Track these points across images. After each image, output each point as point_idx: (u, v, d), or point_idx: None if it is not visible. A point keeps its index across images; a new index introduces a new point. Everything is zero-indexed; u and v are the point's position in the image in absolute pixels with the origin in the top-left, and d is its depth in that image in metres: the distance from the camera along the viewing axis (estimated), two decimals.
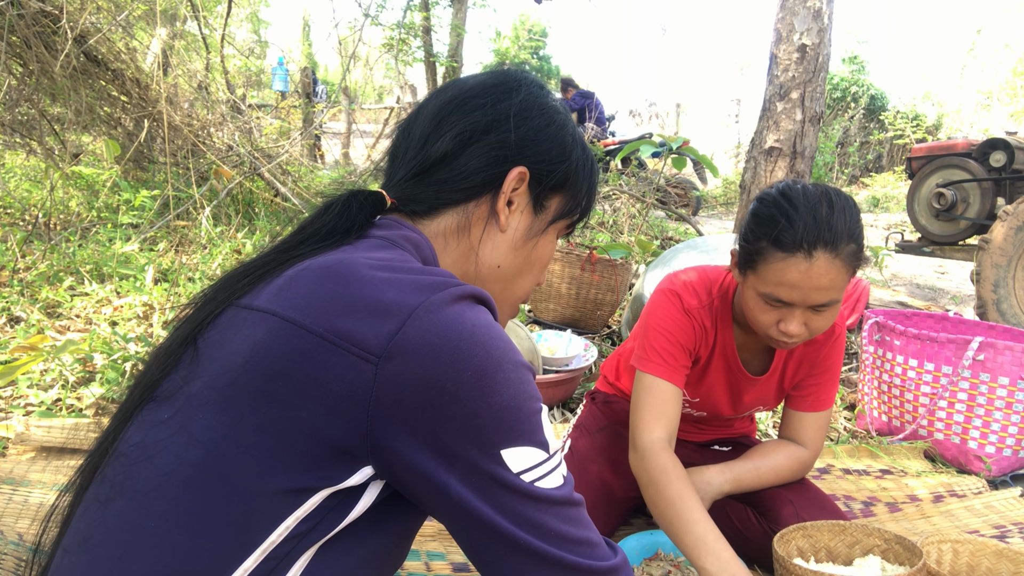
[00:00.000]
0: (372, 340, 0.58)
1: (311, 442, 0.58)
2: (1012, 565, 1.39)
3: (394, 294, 0.61)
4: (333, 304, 0.61)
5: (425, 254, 0.76)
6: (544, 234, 0.84)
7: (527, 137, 0.79)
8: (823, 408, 1.58)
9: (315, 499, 0.60)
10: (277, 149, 4.84)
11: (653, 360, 1.46)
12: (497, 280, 0.83)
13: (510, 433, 0.61)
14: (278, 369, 0.59)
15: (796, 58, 3.84)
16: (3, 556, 1.22)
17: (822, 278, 1.22)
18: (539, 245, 0.84)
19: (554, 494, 0.63)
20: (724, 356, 1.55)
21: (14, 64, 3.66)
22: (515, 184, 0.79)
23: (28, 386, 2.09)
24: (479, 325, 0.62)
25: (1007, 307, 3.52)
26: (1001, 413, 2.17)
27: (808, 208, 1.24)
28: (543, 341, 2.75)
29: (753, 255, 1.30)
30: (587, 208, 0.89)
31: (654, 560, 1.44)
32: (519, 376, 0.63)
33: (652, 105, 17.16)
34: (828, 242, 1.22)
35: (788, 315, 1.29)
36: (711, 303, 1.50)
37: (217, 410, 0.60)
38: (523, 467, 0.62)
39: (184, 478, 0.58)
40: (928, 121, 13.54)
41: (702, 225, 6.26)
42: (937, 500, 2.04)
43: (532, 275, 0.86)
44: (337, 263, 0.65)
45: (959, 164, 4.17)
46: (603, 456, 1.68)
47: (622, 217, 5.10)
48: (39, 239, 3.36)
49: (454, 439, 0.59)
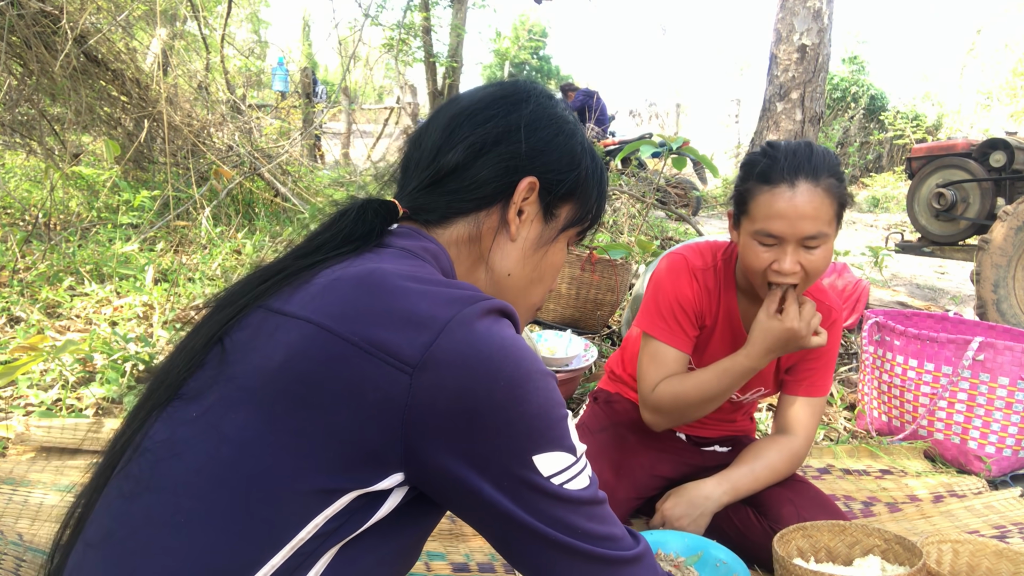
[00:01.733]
0: (407, 350, 0.61)
1: (344, 447, 0.61)
2: (1012, 565, 1.39)
3: (427, 306, 0.64)
4: (368, 314, 0.63)
5: (444, 265, 0.78)
6: (555, 242, 0.86)
7: (537, 147, 0.81)
8: (818, 394, 1.59)
9: (344, 500, 0.62)
10: (277, 149, 4.84)
11: (658, 325, 1.54)
12: (509, 289, 0.85)
13: (541, 439, 0.64)
14: (314, 375, 0.61)
15: (796, 58, 3.84)
16: (3, 556, 1.22)
17: (806, 206, 1.33)
18: (550, 253, 0.86)
19: (582, 495, 0.67)
20: (728, 322, 1.57)
21: (14, 64, 3.66)
22: (525, 194, 0.80)
23: (28, 386, 2.09)
24: (507, 338, 0.65)
25: (1007, 307, 3.52)
26: (1001, 413, 2.17)
27: (788, 148, 1.39)
28: (543, 341, 2.75)
29: (743, 197, 1.42)
30: (597, 215, 0.90)
31: None
32: (546, 385, 0.66)
33: (652, 105, 17.17)
34: (808, 172, 1.34)
35: (781, 253, 1.37)
36: (715, 265, 1.57)
37: (250, 411, 0.61)
38: (553, 471, 0.65)
39: (215, 476, 0.60)
40: (928, 121, 13.54)
41: (702, 225, 6.26)
42: (937, 500, 2.04)
43: (544, 283, 0.88)
44: (369, 273, 0.67)
45: (959, 164, 4.17)
46: (604, 457, 1.68)
47: (622, 217, 5.10)
48: (39, 239, 3.36)
49: (488, 447, 0.62)
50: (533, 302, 0.89)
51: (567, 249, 0.89)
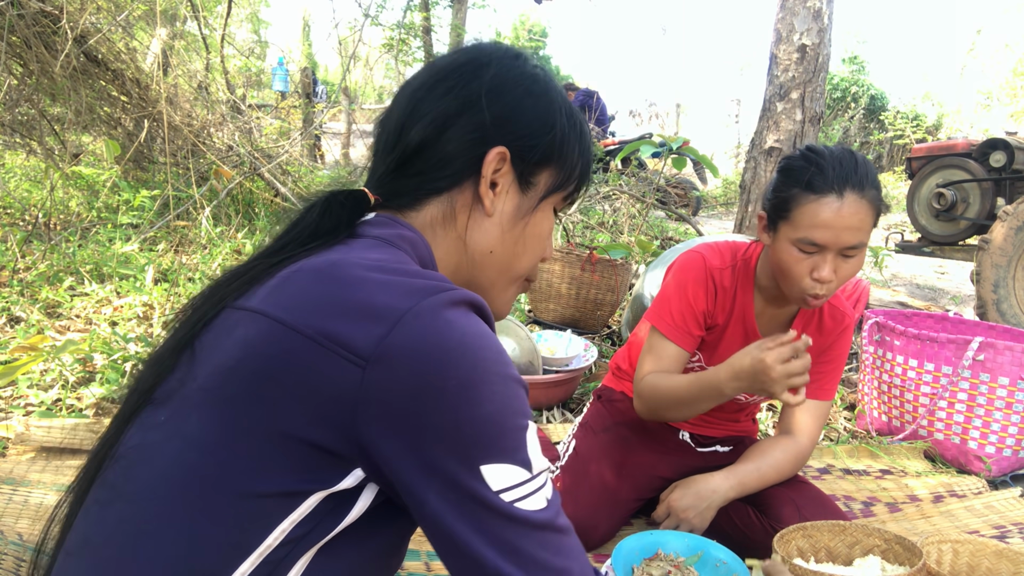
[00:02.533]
0: (360, 343, 0.57)
1: (301, 445, 0.58)
2: (1012, 565, 1.39)
3: (385, 297, 0.60)
4: (324, 305, 0.60)
5: (422, 252, 0.74)
6: (536, 211, 0.80)
7: (502, 114, 0.75)
8: (825, 398, 1.60)
9: (310, 502, 0.59)
10: (277, 149, 4.84)
11: (665, 320, 1.56)
12: (491, 266, 0.80)
13: (491, 448, 0.58)
14: (267, 370, 0.58)
15: (796, 58, 3.84)
16: (3, 556, 1.22)
17: (853, 217, 1.32)
18: (532, 223, 0.80)
19: (534, 516, 0.60)
20: (742, 322, 1.58)
21: (14, 64, 3.66)
22: (496, 165, 0.75)
23: (28, 386, 2.08)
24: (469, 333, 0.60)
25: (1007, 307, 3.52)
26: (1001, 413, 2.17)
27: (834, 157, 1.37)
28: (543, 341, 2.75)
29: (786, 203, 1.39)
30: (582, 177, 0.83)
31: (654, 560, 1.44)
32: (507, 390, 0.60)
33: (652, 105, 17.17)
34: (855, 184, 1.33)
35: (820, 262, 1.36)
36: (735, 264, 1.57)
37: (209, 412, 0.59)
38: (503, 485, 0.58)
39: (180, 481, 0.58)
40: (928, 121, 13.54)
41: (702, 225, 6.26)
42: (937, 500, 2.04)
43: (531, 253, 0.82)
44: (330, 264, 0.64)
45: (959, 164, 4.17)
46: (607, 456, 1.68)
47: (622, 217, 5.09)
48: (39, 239, 3.36)
49: (434, 450, 0.57)
50: (521, 272, 0.82)
51: (554, 215, 0.83)
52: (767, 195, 1.46)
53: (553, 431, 2.23)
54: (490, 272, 0.80)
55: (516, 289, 0.84)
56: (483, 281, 0.81)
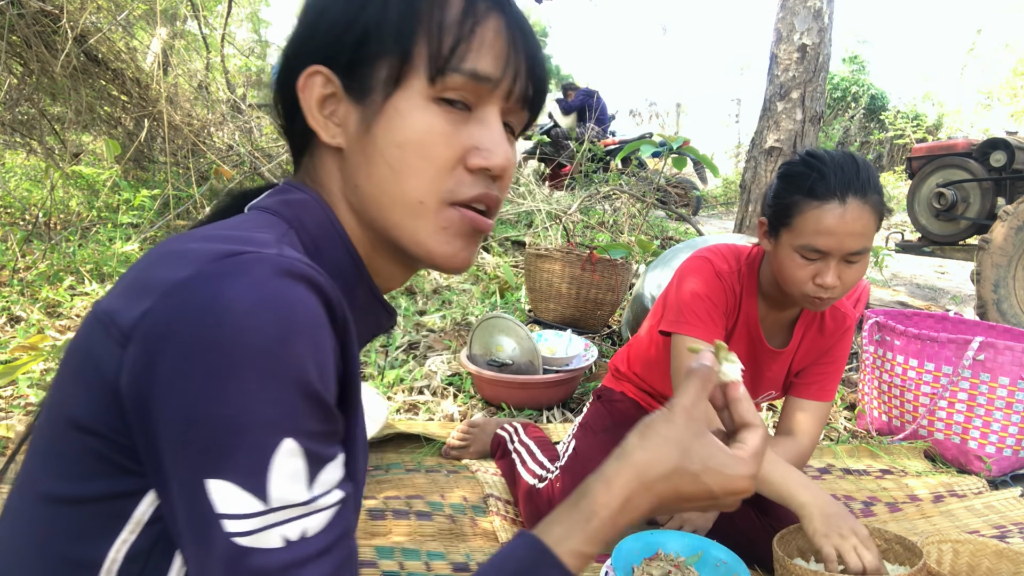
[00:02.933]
0: (125, 319, 0.49)
1: (101, 440, 0.51)
2: (1012, 565, 1.39)
3: (174, 267, 0.50)
4: (126, 283, 0.53)
5: (314, 215, 0.63)
6: (383, 112, 0.60)
7: (304, 32, 0.64)
8: (826, 399, 1.59)
9: (143, 507, 0.52)
10: (277, 148, 4.83)
11: (690, 322, 1.48)
12: (377, 204, 0.63)
13: (220, 461, 0.47)
14: (71, 360, 0.54)
15: (796, 58, 3.84)
16: None
17: (856, 223, 1.32)
18: (384, 129, 0.60)
19: (256, 563, 0.47)
20: (747, 327, 1.57)
21: (14, 64, 3.66)
22: (316, 91, 0.62)
23: (28, 386, 2.09)
24: (241, 312, 0.47)
25: (1007, 307, 3.52)
26: (1001, 413, 2.17)
27: (835, 163, 1.35)
28: (543, 341, 2.75)
29: (788, 209, 1.38)
30: (440, 40, 0.59)
31: (654, 560, 1.44)
32: (266, 393, 0.47)
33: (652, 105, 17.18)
34: (858, 189, 1.32)
35: (823, 268, 1.36)
36: (739, 269, 1.56)
37: (43, 416, 0.56)
38: (228, 511, 0.47)
39: (16, 501, 0.56)
40: (928, 121, 13.53)
41: (702, 225, 6.26)
42: (937, 500, 2.04)
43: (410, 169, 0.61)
44: (168, 241, 0.56)
45: (959, 164, 4.17)
46: (606, 457, 1.68)
47: (622, 217, 5.09)
48: (39, 239, 3.36)
49: (168, 448, 0.48)
50: (418, 197, 0.61)
51: (426, 105, 0.61)
52: (768, 201, 1.45)
53: (553, 431, 2.23)
54: (383, 211, 0.63)
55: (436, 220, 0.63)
56: (388, 226, 0.63)
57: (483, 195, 0.63)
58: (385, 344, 2.97)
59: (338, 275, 0.63)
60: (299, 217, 0.62)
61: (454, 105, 0.61)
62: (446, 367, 2.71)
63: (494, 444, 2.03)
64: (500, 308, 3.47)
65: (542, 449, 1.86)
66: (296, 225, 0.61)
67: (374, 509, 1.69)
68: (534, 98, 0.66)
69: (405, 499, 1.75)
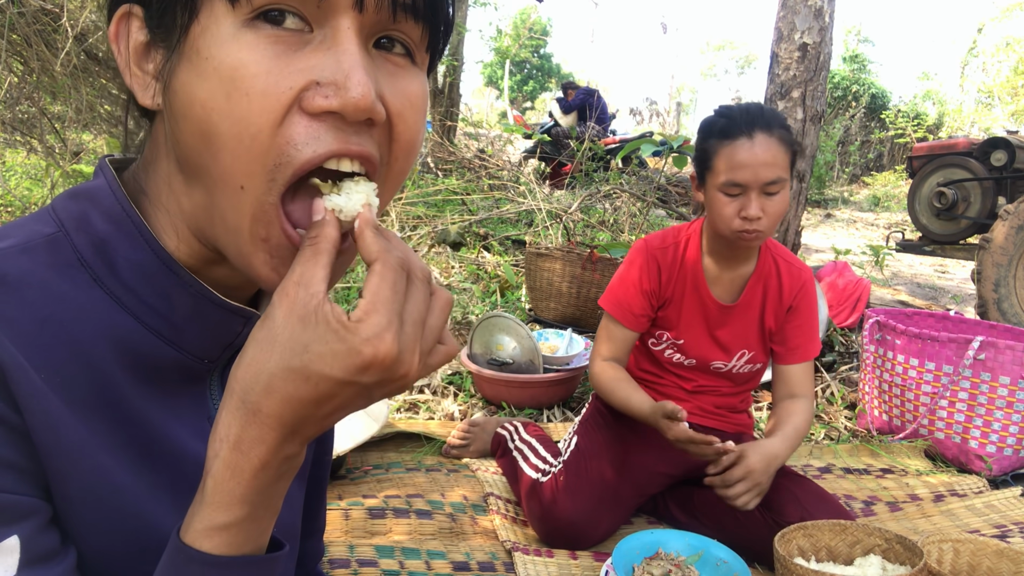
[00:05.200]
0: None
1: None
2: (1013, 564, 1.39)
3: None
4: None
5: (105, 207, 0.49)
6: (184, 55, 0.44)
7: None
8: (813, 356, 1.71)
9: None
10: None
11: (612, 304, 1.71)
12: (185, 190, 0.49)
13: None
14: None
15: (797, 57, 3.84)
16: None
17: (765, 153, 1.48)
18: (183, 79, 0.44)
19: None
20: (696, 291, 1.68)
21: (14, 62, 3.66)
22: (126, 39, 0.48)
23: None
24: None
25: (1008, 306, 3.52)
26: (1002, 412, 2.17)
27: (741, 108, 1.55)
28: (544, 340, 2.75)
29: (706, 154, 1.56)
30: None
31: (654, 559, 1.44)
32: None
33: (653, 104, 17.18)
34: (763, 124, 1.49)
35: (746, 201, 1.50)
36: (677, 241, 1.71)
37: None
38: None
39: None
40: (929, 120, 13.53)
41: None
42: (938, 499, 2.04)
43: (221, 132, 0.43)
44: None
45: (960, 163, 4.16)
46: (606, 454, 1.69)
47: (623, 216, 5.09)
48: None
49: None
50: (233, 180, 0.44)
51: (236, 33, 0.42)
52: (693, 156, 1.62)
53: (554, 430, 2.23)
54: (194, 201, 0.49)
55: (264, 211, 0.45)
56: (202, 226, 0.49)
57: (339, 150, 0.44)
58: None
59: (141, 280, 0.49)
60: (83, 213, 0.49)
61: (280, 24, 0.43)
62: (446, 366, 2.71)
63: (495, 443, 2.03)
64: (500, 307, 3.47)
65: (544, 446, 1.87)
66: (74, 225, 0.48)
67: (375, 508, 1.69)
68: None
69: (405, 498, 1.75)
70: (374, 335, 0.40)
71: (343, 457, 1.87)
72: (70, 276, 0.47)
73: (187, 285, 0.50)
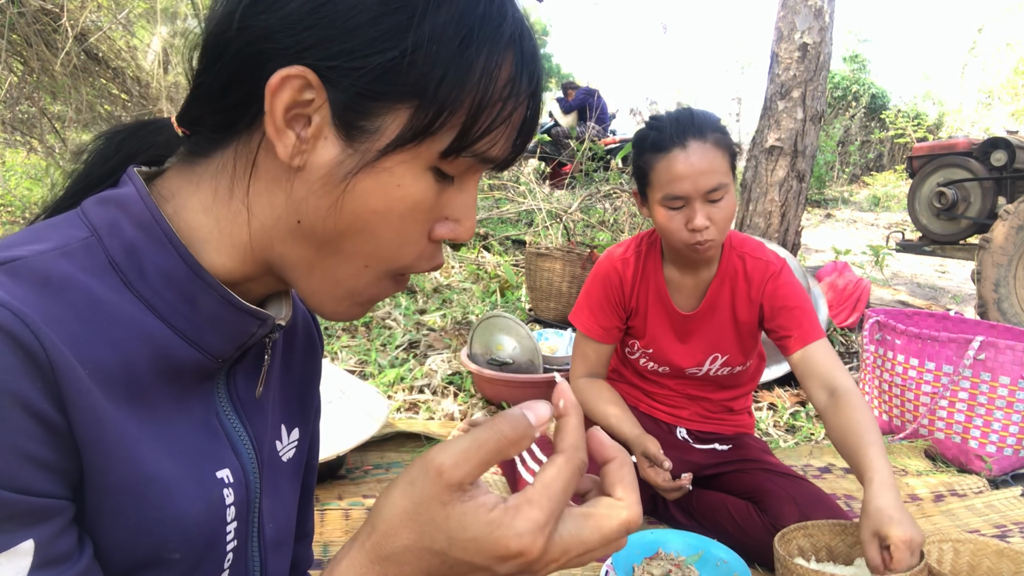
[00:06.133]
0: None
1: None
2: (1013, 565, 1.39)
3: None
4: None
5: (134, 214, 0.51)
6: (374, 166, 0.48)
7: (296, 15, 0.46)
8: (817, 337, 1.52)
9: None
10: None
11: (580, 320, 1.71)
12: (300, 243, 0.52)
13: None
14: None
15: (797, 57, 3.84)
16: None
17: (701, 161, 1.43)
18: (366, 184, 0.49)
19: None
20: (659, 300, 1.67)
21: (15, 62, 3.66)
22: (289, 96, 0.47)
23: None
24: None
25: (1008, 306, 3.52)
26: (1002, 412, 2.17)
27: (671, 117, 1.49)
28: (544, 340, 2.75)
29: (643, 170, 1.51)
30: (477, 116, 0.49)
31: (654, 559, 1.44)
32: None
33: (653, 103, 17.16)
34: (694, 132, 1.45)
35: (690, 212, 1.46)
36: (638, 252, 1.69)
37: None
38: None
39: None
40: (929, 120, 13.53)
41: None
42: (938, 499, 2.04)
43: (382, 237, 0.51)
44: None
45: (960, 163, 4.16)
46: None
47: (623, 216, 5.09)
48: None
49: None
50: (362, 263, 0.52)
51: (423, 173, 0.50)
52: (631, 173, 1.56)
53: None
54: (301, 251, 0.52)
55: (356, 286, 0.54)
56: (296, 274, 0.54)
57: (438, 266, 0.57)
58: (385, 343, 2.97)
59: (167, 284, 0.51)
60: (114, 219, 0.51)
61: (444, 177, 0.51)
62: (446, 366, 2.71)
63: None
64: (500, 307, 3.47)
65: (543, 449, 1.87)
66: (106, 231, 0.50)
67: None
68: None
69: None
70: (527, 531, 0.41)
71: (343, 457, 1.87)
72: (104, 279, 0.49)
73: (212, 289, 0.53)
